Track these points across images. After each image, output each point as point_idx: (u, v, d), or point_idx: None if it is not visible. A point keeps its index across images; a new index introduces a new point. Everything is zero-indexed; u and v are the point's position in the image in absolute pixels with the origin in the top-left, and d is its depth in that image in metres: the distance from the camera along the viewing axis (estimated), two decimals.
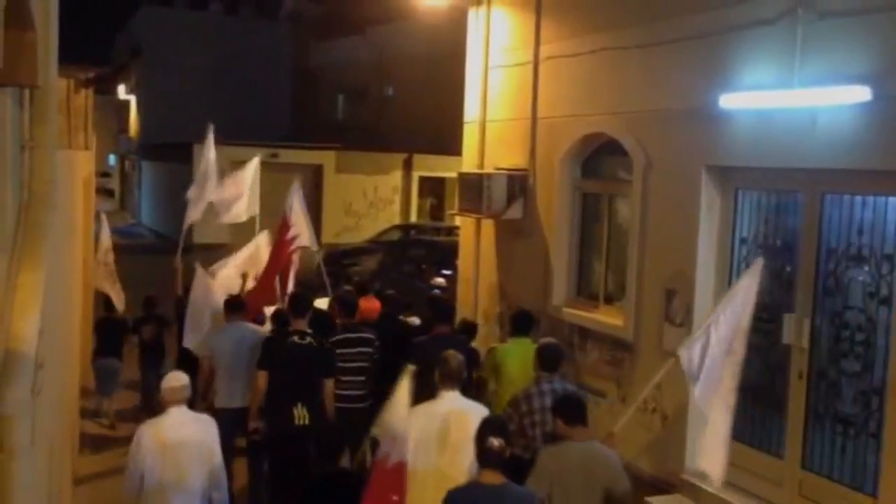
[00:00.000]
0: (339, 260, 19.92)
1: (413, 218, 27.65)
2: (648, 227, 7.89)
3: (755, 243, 7.13)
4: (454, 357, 5.78)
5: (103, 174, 45.10)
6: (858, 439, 6.19)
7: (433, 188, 28.47)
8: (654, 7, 7.89)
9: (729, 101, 6.79)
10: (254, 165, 11.07)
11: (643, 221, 7.94)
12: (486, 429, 4.65)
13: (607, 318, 8.54)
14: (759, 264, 6.11)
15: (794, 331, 6.59)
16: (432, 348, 6.54)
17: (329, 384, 7.17)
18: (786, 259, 6.85)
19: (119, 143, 44.97)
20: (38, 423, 3.68)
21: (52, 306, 4.81)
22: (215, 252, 11.52)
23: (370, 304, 9.34)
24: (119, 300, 10.95)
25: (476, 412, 5.39)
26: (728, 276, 7.26)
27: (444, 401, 5.58)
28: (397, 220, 26.65)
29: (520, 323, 7.64)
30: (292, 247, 9.61)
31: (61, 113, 9.00)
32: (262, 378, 7.06)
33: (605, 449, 5.41)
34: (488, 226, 10.47)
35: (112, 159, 48.65)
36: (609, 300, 8.82)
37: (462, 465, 5.04)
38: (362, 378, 7.57)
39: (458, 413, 5.41)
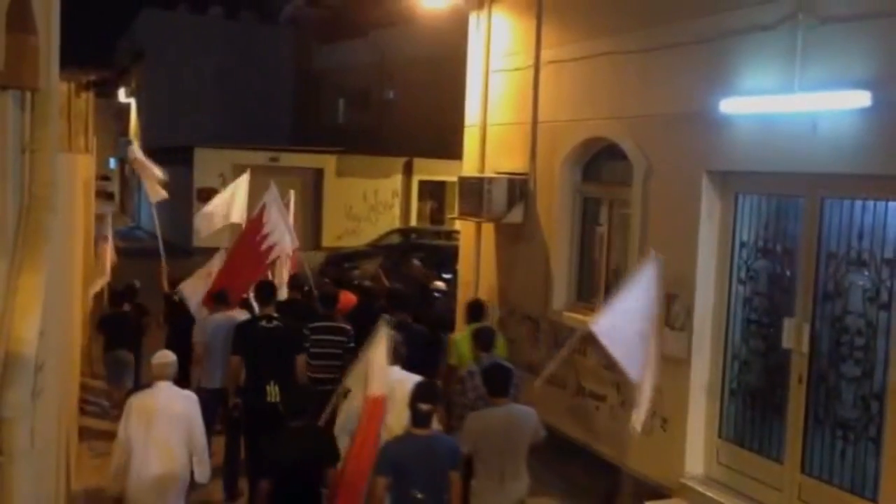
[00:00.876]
0: (339, 263, 19.96)
1: (413, 222, 27.66)
2: (649, 232, 7.89)
3: (755, 247, 7.13)
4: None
5: (103, 177, 45.09)
6: (858, 444, 6.18)
7: (433, 192, 28.47)
8: (654, 12, 7.90)
9: (729, 106, 6.80)
10: (244, 178, 11.79)
11: (644, 226, 7.95)
12: (416, 395, 5.46)
13: None
14: (654, 259, 6.64)
15: (794, 335, 6.59)
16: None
17: (300, 359, 7.74)
18: (786, 263, 6.85)
19: (119, 146, 44.98)
20: (38, 426, 3.68)
21: (52, 309, 4.81)
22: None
23: (345, 298, 9.86)
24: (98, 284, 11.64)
25: (413, 380, 6.00)
26: (728, 281, 7.27)
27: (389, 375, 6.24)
28: (397, 224, 26.66)
29: (473, 312, 8.35)
30: (271, 256, 9.88)
31: (62, 116, 9.01)
32: (236, 361, 7.75)
33: (523, 408, 6.25)
34: (489, 230, 10.47)
35: (112, 162, 48.65)
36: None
37: (404, 421, 5.68)
38: (335, 363, 8.01)
39: (401, 381, 6.04)
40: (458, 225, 12.82)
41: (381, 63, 31.09)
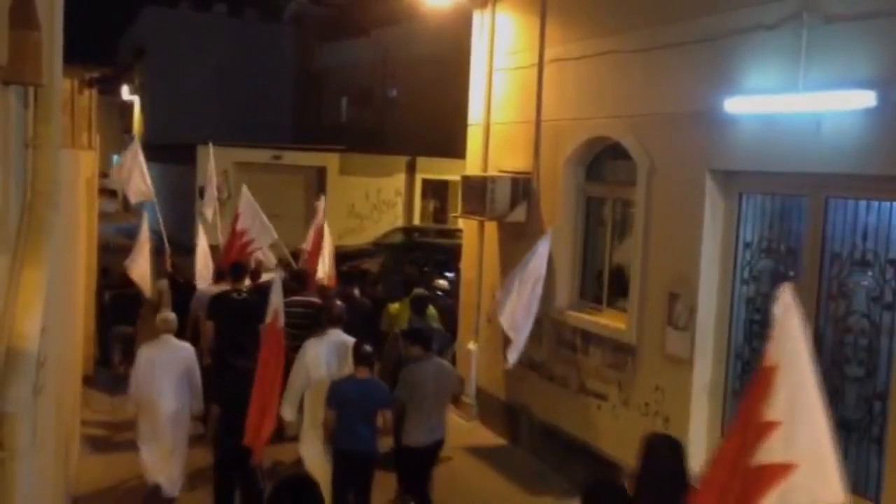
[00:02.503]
0: (342, 262, 19.94)
1: (416, 220, 27.63)
2: (652, 231, 7.88)
3: (759, 248, 7.12)
4: (336, 306, 8.15)
5: (106, 175, 45.06)
6: (861, 444, 6.17)
7: (436, 191, 28.43)
8: (659, 11, 7.88)
9: (733, 105, 6.79)
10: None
11: (647, 225, 7.93)
12: (356, 346, 7.21)
13: (610, 322, 8.53)
14: (548, 237, 8.77)
15: None
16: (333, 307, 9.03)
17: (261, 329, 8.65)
18: (789, 264, 6.83)
19: (123, 143, 45.02)
20: (39, 422, 3.67)
21: (54, 305, 4.81)
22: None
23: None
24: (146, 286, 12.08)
25: (352, 341, 7.57)
26: (732, 280, 7.25)
27: (330, 335, 7.81)
28: (400, 223, 26.62)
29: (407, 288, 9.85)
30: (250, 249, 11.44)
31: (65, 112, 9.02)
32: (209, 326, 9.25)
33: (447, 364, 7.78)
34: (491, 228, 10.46)
35: (115, 160, 48.71)
36: (612, 303, 8.81)
37: (346, 369, 7.40)
38: (301, 332, 8.82)
39: (345, 342, 7.67)
40: (461, 224, 12.80)
41: (384, 61, 31.07)
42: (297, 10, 40.12)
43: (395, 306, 9.65)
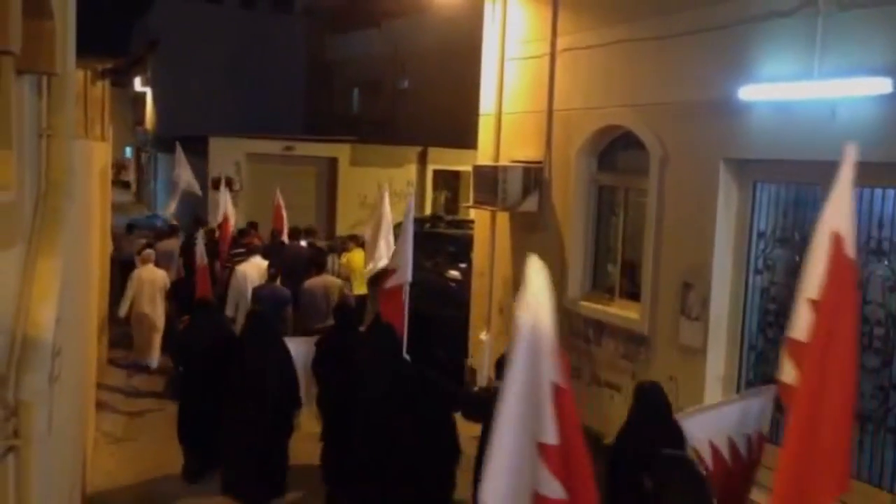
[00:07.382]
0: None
1: (427, 211, 27.61)
2: (665, 221, 7.85)
3: (773, 237, 7.08)
4: (255, 244, 12.80)
5: (122, 166, 45.23)
6: (876, 435, 6.14)
7: (447, 181, 28.39)
8: None
9: (748, 93, 6.74)
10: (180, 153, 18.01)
11: (660, 214, 7.90)
12: (267, 268, 11.12)
13: (623, 312, 8.51)
14: (410, 206, 10.18)
15: None
16: (288, 252, 13.14)
17: (216, 264, 13.02)
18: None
19: (135, 135, 45.16)
20: (55, 411, 3.69)
21: (69, 294, 4.82)
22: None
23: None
24: None
25: (265, 263, 11.55)
26: (745, 270, 7.21)
27: (252, 260, 11.74)
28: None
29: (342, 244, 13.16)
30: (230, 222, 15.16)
31: (78, 103, 9.05)
32: (181, 261, 13.55)
33: (334, 279, 11.26)
34: (503, 219, 10.44)
35: (128, 151, 48.88)
36: (625, 294, 8.78)
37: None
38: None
39: (260, 264, 11.65)
40: (472, 214, 12.77)
41: (395, 52, 30.99)
42: (309, 1, 40.05)
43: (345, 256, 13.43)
